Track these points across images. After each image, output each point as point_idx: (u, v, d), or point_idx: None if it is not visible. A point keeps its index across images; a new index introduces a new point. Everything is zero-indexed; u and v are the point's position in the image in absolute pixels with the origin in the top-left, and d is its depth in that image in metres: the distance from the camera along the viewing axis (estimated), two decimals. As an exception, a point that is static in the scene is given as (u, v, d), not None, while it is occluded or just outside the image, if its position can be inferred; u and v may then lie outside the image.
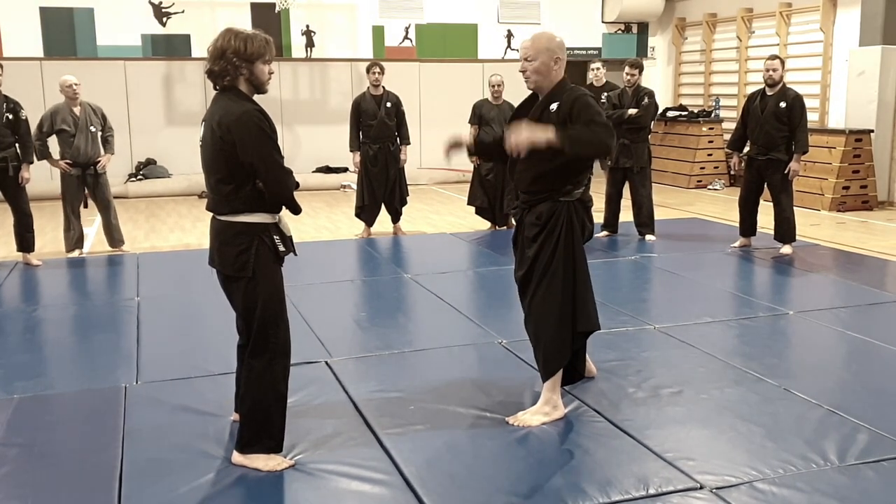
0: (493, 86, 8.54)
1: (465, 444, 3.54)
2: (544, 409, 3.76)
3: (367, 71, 8.35)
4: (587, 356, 4.24)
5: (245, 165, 3.16)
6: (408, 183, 8.70)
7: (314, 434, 3.63)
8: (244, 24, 12.23)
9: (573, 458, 3.40)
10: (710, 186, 12.48)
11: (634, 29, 14.26)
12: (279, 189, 3.23)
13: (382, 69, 8.34)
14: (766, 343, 4.88)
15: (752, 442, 3.52)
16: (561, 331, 3.71)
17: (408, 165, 8.68)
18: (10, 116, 6.98)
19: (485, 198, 8.70)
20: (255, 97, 3.35)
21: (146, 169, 12.17)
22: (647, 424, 3.70)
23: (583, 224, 3.82)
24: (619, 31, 14.20)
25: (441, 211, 10.36)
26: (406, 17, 12.89)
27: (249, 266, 3.24)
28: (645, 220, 8.12)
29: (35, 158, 7.22)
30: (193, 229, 9.16)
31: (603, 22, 14.06)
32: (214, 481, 3.23)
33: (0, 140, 6.94)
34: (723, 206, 10.54)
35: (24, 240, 7.23)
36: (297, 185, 3.53)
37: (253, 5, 12.26)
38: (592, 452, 3.46)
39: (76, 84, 7.46)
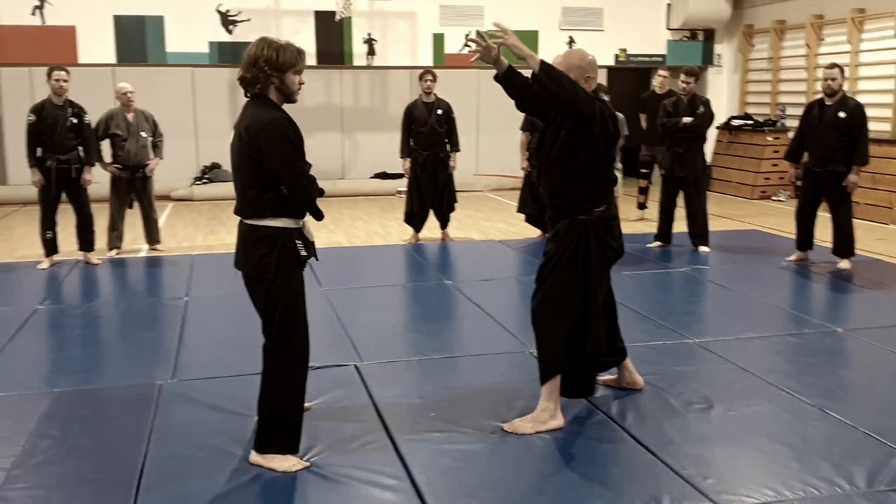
0: (546, 94, 8.48)
1: (480, 453, 3.53)
2: (541, 416, 3.74)
3: (420, 78, 8.41)
4: (633, 369, 4.20)
5: (270, 171, 3.23)
6: (463, 189, 8.72)
7: (332, 437, 3.67)
8: (308, 31, 12.51)
9: (586, 472, 3.36)
10: (774, 197, 12.16)
11: (700, 36, 14.00)
12: (302, 195, 3.29)
13: (435, 77, 8.39)
14: (808, 361, 4.73)
15: (776, 462, 3.42)
16: (562, 340, 3.70)
17: (464, 172, 8.71)
18: (75, 121, 7.25)
19: (535, 205, 8.64)
20: (287, 106, 3.39)
21: (211, 172, 12.47)
22: (670, 440, 3.63)
23: (603, 243, 3.76)
24: (685, 39, 13.96)
25: (493, 217, 10.35)
26: (467, 24, 12.91)
27: (271, 269, 3.30)
28: (699, 231, 7.96)
29: (96, 161, 7.48)
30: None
31: (668, 29, 13.83)
32: (229, 480, 3.30)
33: (64, 143, 7.21)
34: (785, 219, 10.23)
35: (86, 239, 7.50)
36: (322, 192, 3.60)
37: (317, 13, 12.45)
38: (608, 467, 3.41)
39: (131, 92, 7.75)
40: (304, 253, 3.37)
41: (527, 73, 3.70)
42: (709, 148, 13.72)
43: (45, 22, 11.79)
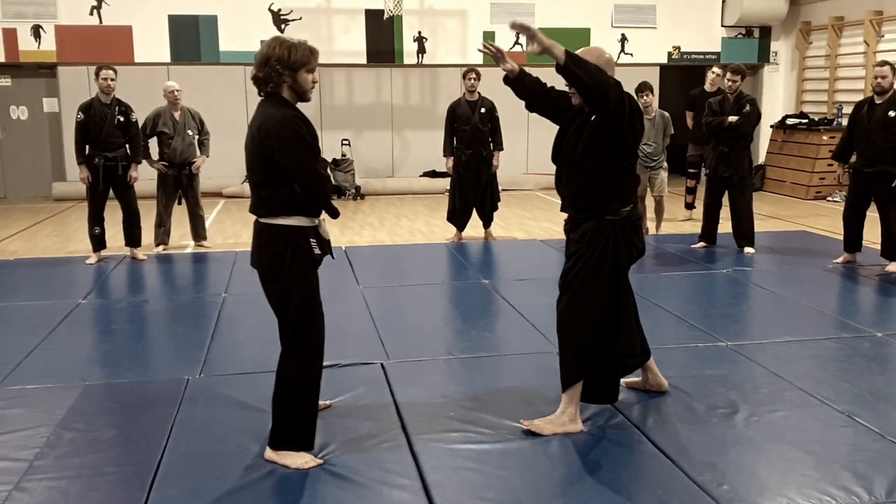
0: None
1: (494, 454, 3.52)
2: (560, 419, 3.71)
3: (464, 77, 8.40)
4: (657, 371, 4.15)
5: (283, 170, 3.26)
6: (512, 188, 8.69)
7: (349, 434, 3.70)
8: (359, 30, 12.60)
9: (599, 476, 3.32)
10: (829, 198, 11.84)
11: (756, 33, 13.69)
12: (314, 193, 3.31)
13: (479, 75, 8.37)
14: (843, 366, 4.60)
15: (795, 470, 3.34)
16: (587, 345, 3.65)
17: (514, 170, 8.67)
18: (122, 119, 7.44)
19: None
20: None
21: (261, 170, 12.64)
22: (688, 446, 3.57)
23: (630, 244, 3.72)
24: (740, 36, 13.67)
25: (539, 217, 10.29)
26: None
27: (285, 267, 3.33)
28: (744, 232, 7.79)
29: (142, 159, 7.66)
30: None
31: (723, 26, 13.56)
32: (242, 476, 3.35)
33: (111, 141, 7.40)
34: (837, 220, 9.85)
35: (132, 235, 7.69)
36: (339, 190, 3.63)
37: (367, 12, 12.54)
38: (621, 471, 3.36)
39: (178, 90, 7.93)
40: (318, 251, 3.39)
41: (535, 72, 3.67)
42: (762, 147, 13.48)
43: (103, 22, 12.12)
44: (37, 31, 12.07)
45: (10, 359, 4.78)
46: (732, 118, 7.58)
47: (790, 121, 12.67)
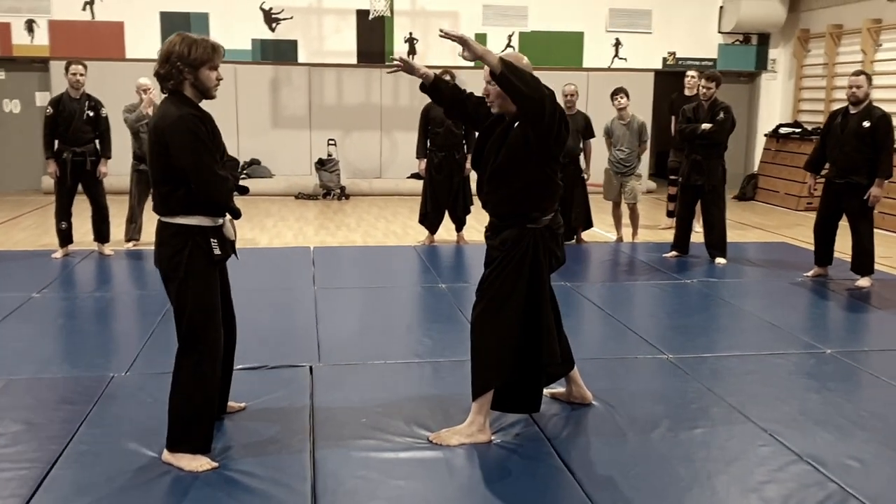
0: (567, 95, 8.32)
1: (395, 462, 3.45)
2: (468, 429, 3.63)
3: (438, 78, 8.31)
4: (581, 382, 4.07)
5: (179, 169, 3.21)
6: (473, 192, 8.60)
7: (254, 437, 3.65)
8: (350, 30, 12.55)
9: (495, 488, 3.25)
10: (820, 209, 11.65)
11: (754, 40, 13.54)
12: (209, 194, 3.26)
13: (453, 76, 8.27)
14: (781, 382, 4.49)
15: (697, 489, 3.25)
16: (498, 354, 3.58)
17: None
18: (91, 114, 7.44)
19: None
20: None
21: (250, 168, 12.65)
22: (595, 461, 3.50)
23: (550, 252, 3.65)
24: (737, 42, 13.52)
25: (519, 222, 10.19)
26: (510, 24, 12.81)
27: (181, 267, 3.29)
28: (715, 242, 7.67)
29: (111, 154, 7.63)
30: (273, 228, 9.45)
31: (720, 32, 13.42)
32: (134, 476, 3.29)
33: (80, 136, 7.40)
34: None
35: (100, 230, 7.68)
36: (245, 189, 3.59)
37: (359, 12, 12.50)
38: (517, 484, 3.28)
39: (149, 87, 7.86)
40: (218, 252, 3.34)
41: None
42: (756, 156, 13.32)
43: (95, 17, 12.17)
44: (30, 26, 12.13)
45: (-57, 351, 4.77)
46: (706, 126, 7.46)
47: (783, 130, 12.51)
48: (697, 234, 8.03)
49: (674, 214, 9.86)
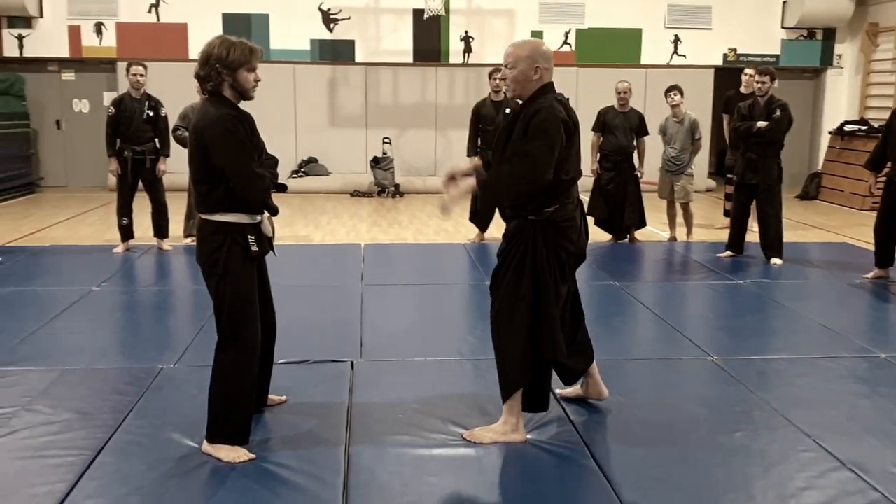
0: (620, 92, 8.25)
1: (429, 459, 3.49)
2: (502, 428, 3.63)
3: (490, 76, 8.34)
4: (598, 378, 4.03)
5: (218, 168, 3.30)
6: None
7: (290, 431, 3.72)
8: (406, 29, 12.63)
9: (522, 488, 3.25)
10: (886, 209, 11.29)
11: (819, 35, 13.19)
12: (246, 192, 3.34)
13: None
14: (830, 387, 4.38)
15: (729, 491, 3.20)
16: (521, 352, 3.56)
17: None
18: (151, 113, 7.65)
19: (605, 208, 8.43)
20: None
21: (307, 166, 12.85)
22: (631, 465, 3.45)
23: (555, 246, 3.55)
24: (801, 38, 13.19)
25: (572, 220, 10.13)
26: (567, 22, 12.72)
27: (220, 263, 3.37)
28: (771, 243, 7.51)
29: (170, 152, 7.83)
30: (327, 225, 9.57)
31: (783, 27, 13.11)
32: (174, 466, 3.39)
33: (140, 135, 7.62)
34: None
35: (159, 226, 7.89)
36: (284, 187, 3.67)
37: (415, 11, 12.57)
38: (549, 485, 3.28)
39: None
40: (255, 248, 3.42)
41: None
42: (821, 154, 12.98)
43: (160, 19, 12.49)
44: (99, 28, 12.53)
45: (6, 342, 4.96)
46: (762, 123, 7.30)
47: (849, 127, 12.16)
48: (754, 234, 7.88)
49: (730, 214, 9.71)
